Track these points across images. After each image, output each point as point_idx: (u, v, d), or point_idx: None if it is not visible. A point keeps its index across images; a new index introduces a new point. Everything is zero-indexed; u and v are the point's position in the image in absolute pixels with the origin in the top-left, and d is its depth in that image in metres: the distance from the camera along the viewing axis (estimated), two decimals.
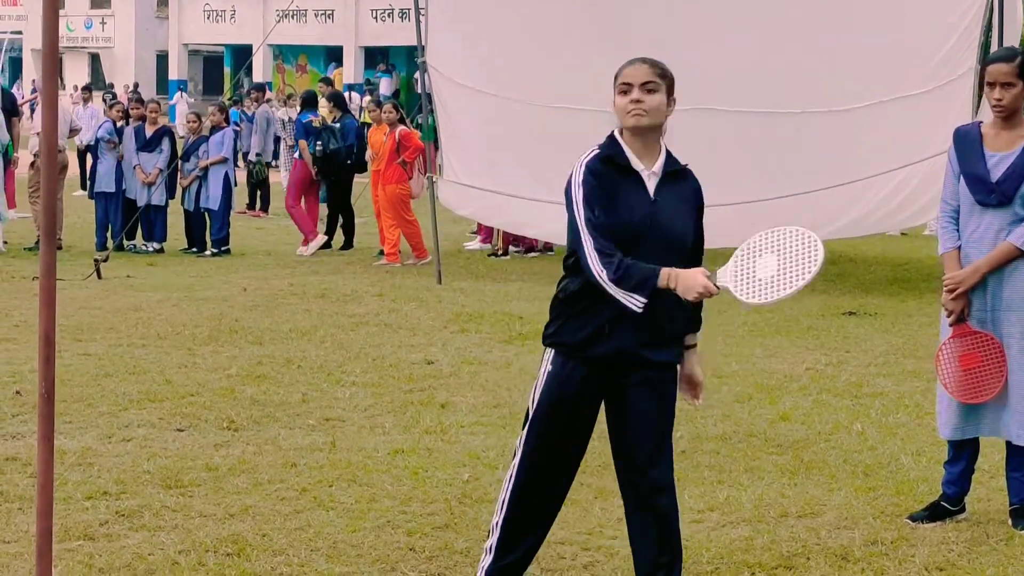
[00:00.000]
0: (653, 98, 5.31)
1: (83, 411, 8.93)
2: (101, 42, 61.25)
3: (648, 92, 5.31)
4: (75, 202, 23.15)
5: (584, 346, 5.33)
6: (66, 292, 13.70)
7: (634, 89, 5.31)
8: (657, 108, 5.31)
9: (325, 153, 18.63)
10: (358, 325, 12.53)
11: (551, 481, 5.50)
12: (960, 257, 6.78)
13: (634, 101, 5.30)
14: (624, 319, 5.24)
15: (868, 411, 9.33)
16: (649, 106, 5.30)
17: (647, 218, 5.26)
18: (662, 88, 5.33)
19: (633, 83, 5.32)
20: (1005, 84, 6.67)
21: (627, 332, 5.27)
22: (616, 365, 5.34)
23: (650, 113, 5.30)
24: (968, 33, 14.34)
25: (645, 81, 5.32)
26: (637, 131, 5.32)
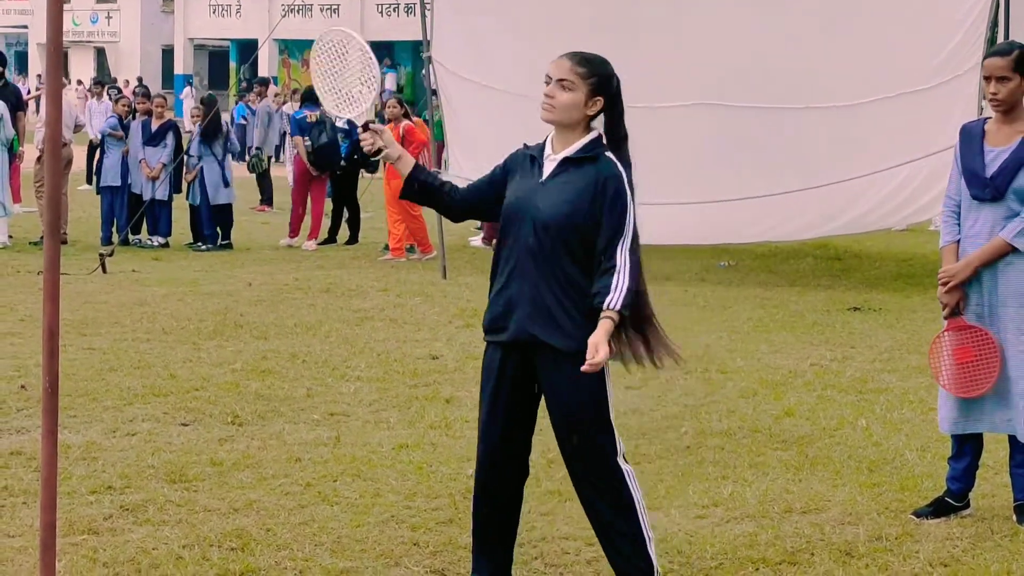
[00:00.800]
0: (565, 96, 5.36)
1: (88, 405, 8.94)
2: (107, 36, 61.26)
3: (562, 88, 5.37)
4: (81, 197, 23.15)
5: (491, 331, 5.48)
6: (71, 286, 13.71)
7: (551, 83, 5.38)
8: (568, 106, 5.36)
9: (315, 147, 18.64)
10: (363, 320, 12.54)
11: (502, 475, 5.57)
12: (959, 251, 6.78)
13: (546, 96, 5.39)
14: (510, 301, 5.37)
15: (873, 407, 9.32)
16: (558, 103, 5.37)
17: (527, 199, 5.38)
18: (580, 87, 5.37)
19: (552, 77, 5.40)
20: (1001, 78, 6.68)
21: (515, 314, 5.37)
22: (521, 350, 5.39)
23: (558, 110, 5.37)
24: (974, 29, 14.32)
25: (561, 77, 5.39)
26: (550, 123, 5.41)
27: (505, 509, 5.65)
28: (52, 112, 4.98)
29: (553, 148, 5.45)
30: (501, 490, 5.61)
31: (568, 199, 5.33)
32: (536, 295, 5.33)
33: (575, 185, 5.35)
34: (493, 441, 5.55)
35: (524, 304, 5.35)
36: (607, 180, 5.33)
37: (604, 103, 5.41)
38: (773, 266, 17.08)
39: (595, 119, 5.44)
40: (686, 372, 10.14)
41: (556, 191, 5.36)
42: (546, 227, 5.33)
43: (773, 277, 16.09)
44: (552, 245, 5.32)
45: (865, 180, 14.88)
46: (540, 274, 5.34)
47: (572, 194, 5.34)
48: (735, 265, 16.92)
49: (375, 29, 52.42)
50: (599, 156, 5.38)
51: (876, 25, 14.86)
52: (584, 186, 5.34)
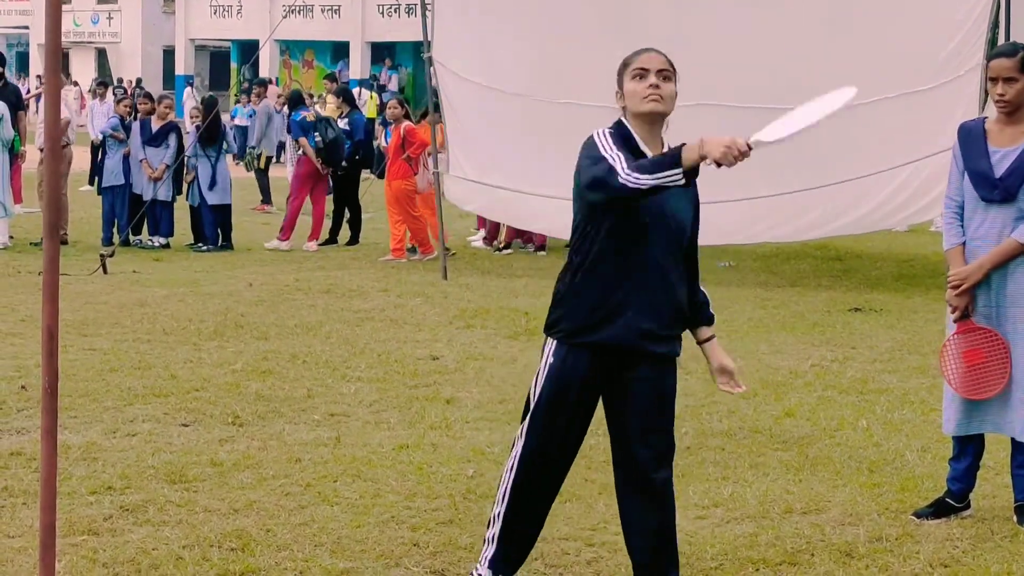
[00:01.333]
0: (669, 86, 5.37)
1: (88, 406, 8.94)
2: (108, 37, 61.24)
3: (664, 79, 5.36)
4: (82, 197, 23.14)
5: (585, 332, 5.35)
6: (72, 287, 13.71)
7: (651, 75, 5.35)
8: (672, 96, 5.37)
9: (326, 143, 18.63)
10: (363, 320, 12.54)
11: (550, 472, 5.54)
12: (965, 253, 6.77)
13: (652, 87, 5.33)
14: (625, 307, 5.29)
15: (873, 407, 9.32)
16: (666, 92, 5.35)
17: (656, 207, 5.27)
18: (674, 78, 5.39)
19: (650, 69, 5.36)
20: (1008, 79, 6.67)
21: (629, 321, 5.30)
22: (616, 355, 5.35)
23: (666, 100, 5.35)
24: (975, 29, 14.31)
25: (662, 68, 5.38)
26: (650, 118, 5.35)
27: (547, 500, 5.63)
28: (51, 112, 4.98)
29: (646, 147, 5.35)
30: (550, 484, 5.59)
31: (691, 202, 5.42)
32: (657, 306, 5.32)
33: (686, 197, 5.39)
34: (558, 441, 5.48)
35: (643, 312, 5.30)
36: (696, 188, 5.41)
37: None
38: (774, 266, 17.09)
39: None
40: (687, 372, 10.13)
41: (680, 194, 5.31)
42: (681, 231, 5.37)
43: (774, 277, 16.10)
44: (680, 249, 5.37)
45: (866, 181, 14.87)
46: (666, 278, 5.33)
47: (692, 197, 5.43)
48: (735, 265, 16.93)
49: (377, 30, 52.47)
50: None
51: (877, 26, 14.85)
52: (690, 197, 5.43)
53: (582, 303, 5.35)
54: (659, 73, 5.35)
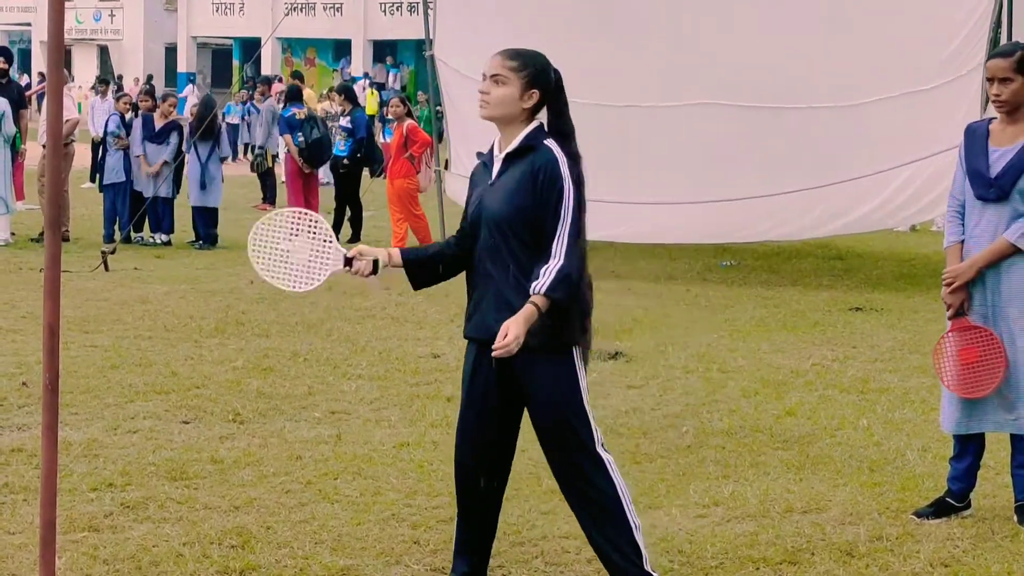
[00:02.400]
0: (499, 90, 5.38)
1: (89, 403, 8.94)
2: (110, 34, 61.22)
3: (495, 84, 5.39)
4: (83, 194, 23.16)
5: (465, 328, 5.57)
6: (73, 284, 13.72)
7: (485, 80, 5.41)
8: (502, 100, 5.37)
9: (308, 143, 18.64)
10: (365, 318, 12.54)
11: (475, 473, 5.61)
12: (963, 252, 6.78)
13: (481, 92, 5.42)
14: (478, 301, 5.44)
15: (874, 407, 9.32)
16: (492, 98, 5.39)
17: (480, 201, 5.43)
18: (513, 81, 5.37)
19: (485, 74, 5.43)
20: (1004, 79, 6.68)
21: (485, 314, 5.41)
22: (485, 346, 5.37)
23: (492, 104, 5.39)
24: (977, 29, 14.32)
25: (495, 73, 5.41)
26: (488, 120, 5.44)
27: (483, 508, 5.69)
28: (53, 109, 4.98)
29: (499, 147, 5.48)
30: (475, 490, 5.64)
31: (512, 192, 5.34)
32: (498, 294, 5.37)
33: (517, 178, 5.35)
34: (469, 438, 5.60)
35: (489, 304, 5.40)
36: (544, 166, 5.30)
37: (541, 96, 5.40)
38: (775, 266, 17.08)
39: (536, 113, 5.43)
40: (687, 371, 10.15)
41: (502, 188, 5.38)
42: (497, 225, 5.36)
43: (775, 277, 16.09)
44: (505, 242, 5.35)
45: (868, 180, 14.88)
46: (500, 273, 5.37)
47: (515, 187, 5.34)
48: (737, 264, 16.93)
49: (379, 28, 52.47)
50: (538, 145, 5.36)
51: (879, 25, 14.86)
52: (525, 177, 5.32)
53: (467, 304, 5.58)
54: (492, 78, 5.39)
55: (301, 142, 18.63)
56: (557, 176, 5.28)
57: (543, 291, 5.22)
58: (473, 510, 5.68)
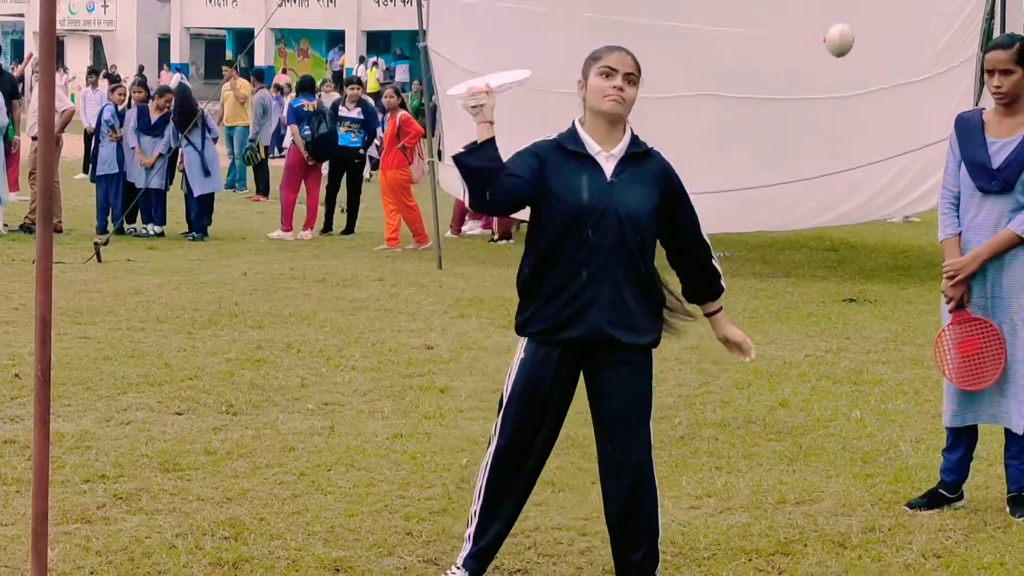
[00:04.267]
0: (632, 90, 5.43)
1: (82, 394, 8.93)
2: (103, 25, 61.14)
3: (629, 83, 5.42)
4: (77, 185, 23.14)
5: (556, 330, 5.43)
6: (66, 275, 13.71)
7: (618, 76, 5.40)
8: (633, 100, 5.43)
9: (315, 137, 18.61)
10: (358, 310, 12.53)
11: (524, 467, 5.59)
12: (960, 244, 6.77)
13: (616, 88, 5.39)
14: (595, 301, 5.36)
15: (867, 398, 9.33)
16: (628, 96, 5.42)
17: (602, 198, 5.36)
18: (638, 83, 5.44)
19: (619, 70, 5.41)
20: (1004, 71, 6.67)
21: (599, 314, 5.37)
22: (589, 348, 5.40)
23: (627, 103, 5.43)
24: (970, 20, 14.32)
25: (629, 72, 5.43)
26: (608, 117, 5.42)
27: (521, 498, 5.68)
28: (45, 101, 4.96)
29: (600, 144, 5.43)
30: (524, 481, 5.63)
31: (648, 195, 5.41)
32: (617, 295, 5.37)
33: (647, 181, 5.43)
34: (529, 436, 5.53)
35: (602, 305, 5.36)
36: (670, 173, 5.49)
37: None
38: (769, 257, 17.10)
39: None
40: (681, 363, 10.15)
41: (633, 188, 5.39)
42: (635, 223, 5.37)
43: (768, 268, 16.11)
44: (637, 242, 5.38)
45: (861, 171, 14.89)
46: (623, 273, 5.37)
47: (649, 190, 5.42)
48: (731, 256, 16.92)
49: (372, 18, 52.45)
50: (652, 151, 5.49)
51: (872, 16, 14.83)
52: (656, 181, 5.44)
53: (549, 303, 5.43)
54: (626, 76, 5.40)
55: (308, 134, 18.59)
56: (679, 178, 5.51)
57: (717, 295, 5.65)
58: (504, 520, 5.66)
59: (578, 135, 5.46)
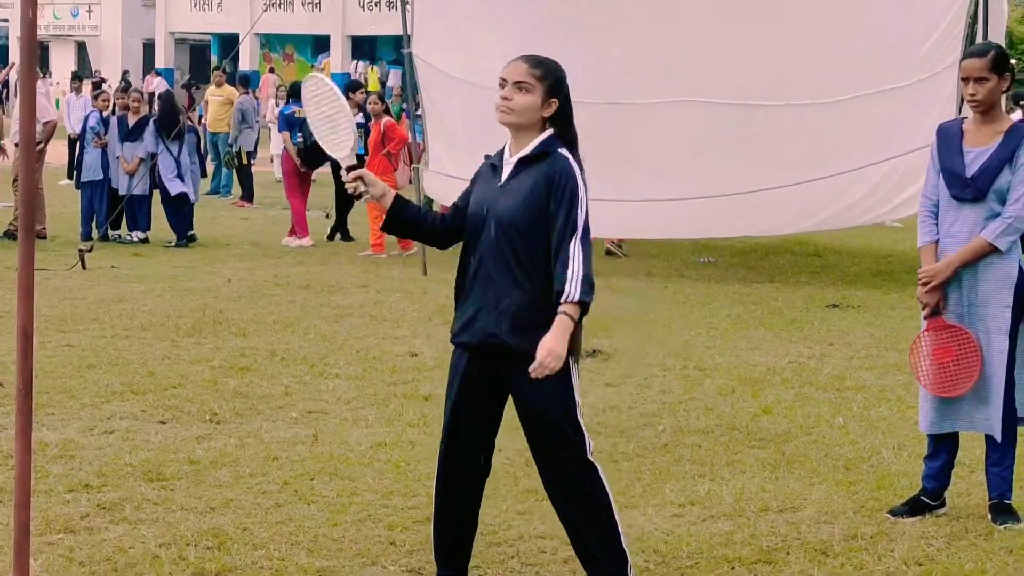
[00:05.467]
0: (523, 98, 5.39)
1: (65, 403, 8.93)
2: (88, 30, 60.99)
3: (519, 91, 5.40)
4: (61, 191, 23.10)
5: (457, 334, 5.54)
6: (50, 282, 13.70)
7: (507, 86, 5.41)
8: (525, 108, 5.39)
9: (307, 144, 18.56)
10: (342, 317, 12.53)
11: (460, 472, 5.62)
12: (937, 251, 6.81)
13: (503, 98, 5.42)
14: (477, 305, 5.42)
15: (850, 405, 9.35)
16: (516, 105, 5.40)
17: (487, 204, 5.43)
18: (537, 89, 5.39)
19: (508, 80, 5.42)
20: (979, 79, 6.71)
21: (481, 318, 5.41)
22: (488, 354, 5.42)
23: (515, 112, 5.40)
24: (952, 26, 14.36)
25: (518, 80, 5.41)
26: (507, 127, 5.44)
27: (465, 510, 5.69)
28: (26, 108, 4.96)
29: (510, 151, 5.49)
30: (462, 491, 5.65)
31: (525, 197, 5.36)
32: (500, 297, 5.37)
33: (530, 183, 5.37)
34: (457, 443, 5.59)
35: (490, 307, 5.39)
36: (560, 174, 5.33)
37: (559, 105, 5.43)
38: (753, 262, 17.13)
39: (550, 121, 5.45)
40: (664, 369, 10.17)
41: (514, 191, 5.39)
42: (507, 228, 5.36)
43: (753, 273, 16.13)
44: (513, 246, 5.35)
45: (845, 177, 14.92)
46: (503, 276, 5.37)
47: (528, 192, 5.36)
48: (715, 261, 16.97)
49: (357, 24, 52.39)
50: (552, 152, 5.39)
51: (855, 22, 14.90)
52: (539, 182, 5.35)
53: (456, 307, 5.59)
54: (516, 84, 5.39)
55: (300, 141, 18.54)
56: (574, 183, 5.33)
57: (577, 297, 5.23)
58: (456, 512, 5.67)
59: (504, 146, 5.53)
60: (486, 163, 5.61)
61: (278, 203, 23.82)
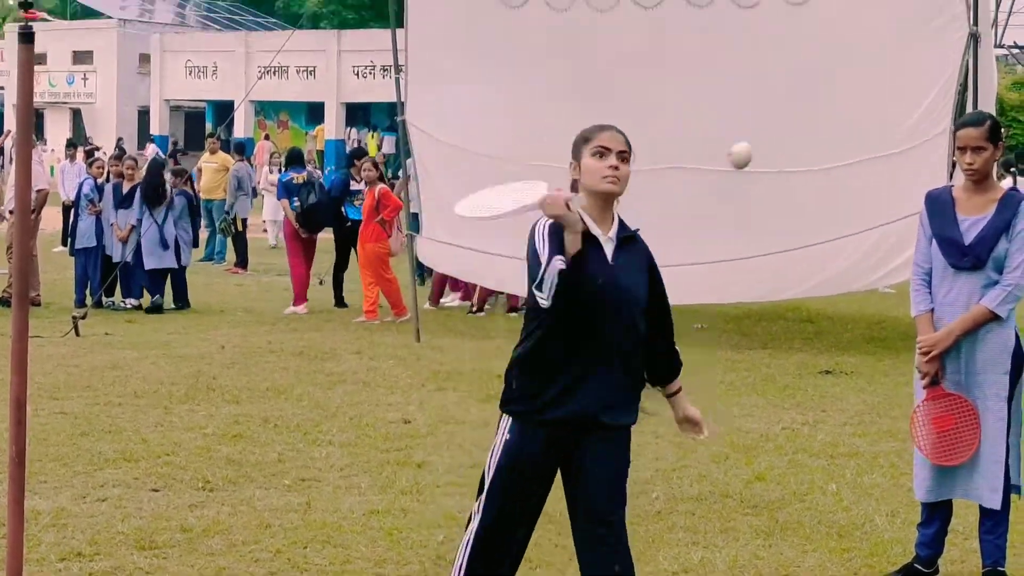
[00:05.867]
0: (626, 168, 5.45)
1: (58, 471, 8.91)
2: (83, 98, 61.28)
3: (623, 160, 5.43)
4: (55, 258, 23.13)
5: (542, 410, 5.38)
6: (44, 349, 13.69)
7: (612, 155, 5.41)
8: (627, 178, 5.45)
9: (304, 208, 18.61)
10: (336, 383, 12.53)
11: (508, 546, 5.54)
12: (933, 319, 6.83)
13: (612, 167, 5.40)
14: (581, 382, 5.35)
15: (843, 471, 9.35)
16: (623, 175, 5.43)
17: (608, 281, 5.36)
18: (630, 160, 5.46)
19: (612, 149, 5.42)
20: (976, 148, 6.75)
21: (585, 395, 5.36)
22: (573, 428, 5.40)
23: (622, 181, 5.43)
24: (943, 93, 14.46)
25: (622, 150, 5.45)
26: (604, 197, 5.42)
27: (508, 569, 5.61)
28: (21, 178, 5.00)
29: (598, 225, 5.41)
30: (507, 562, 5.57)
31: (643, 278, 5.48)
32: (609, 378, 5.37)
33: (640, 264, 5.49)
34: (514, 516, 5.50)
35: (592, 387, 5.35)
36: (650, 256, 5.54)
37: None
38: (746, 328, 17.14)
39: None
40: (657, 436, 10.15)
41: (630, 270, 5.43)
42: (629, 305, 5.40)
43: (746, 340, 16.15)
44: (632, 322, 5.41)
45: (837, 243, 14.96)
46: (620, 356, 5.39)
47: (644, 275, 5.48)
48: (708, 327, 16.97)
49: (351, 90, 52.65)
50: (636, 234, 5.51)
51: (846, 90, 14.99)
52: (643, 263, 5.50)
53: (535, 383, 5.40)
54: (619, 154, 5.42)
55: (297, 207, 18.59)
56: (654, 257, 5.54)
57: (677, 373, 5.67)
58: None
59: (581, 217, 5.38)
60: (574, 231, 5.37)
61: (272, 269, 23.88)
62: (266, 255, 25.64)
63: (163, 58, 57.81)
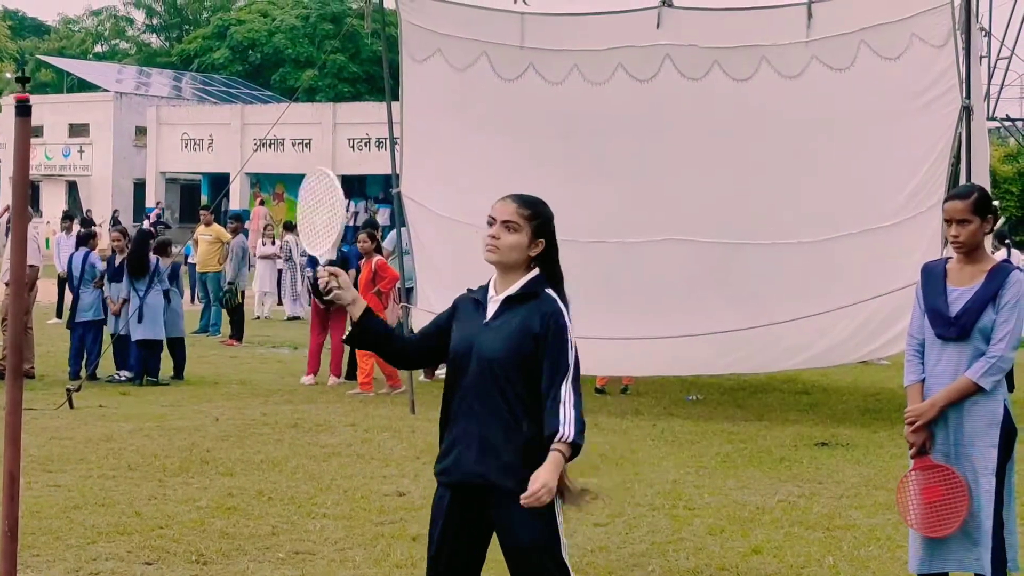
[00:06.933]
0: (510, 237, 5.47)
1: (51, 544, 8.87)
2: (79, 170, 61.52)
3: (507, 230, 5.47)
4: (50, 330, 23.12)
5: (441, 473, 5.54)
6: (38, 422, 13.65)
7: (496, 225, 5.49)
8: (513, 246, 5.47)
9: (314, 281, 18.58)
10: (330, 456, 12.49)
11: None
12: (923, 390, 6.84)
13: (491, 236, 5.49)
14: (459, 443, 5.43)
15: (840, 544, 9.31)
16: (503, 244, 5.47)
17: (470, 341, 5.45)
18: (524, 228, 5.47)
19: (497, 219, 5.50)
20: (961, 221, 6.79)
21: (465, 455, 5.41)
22: (470, 490, 5.42)
23: (503, 250, 5.48)
24: (936, 166, 14.53)
25: (507, 219, 5.49)
26: (493, 264, 5.50)
27: None
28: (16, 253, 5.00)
29: (496, 289, 5.54)
30: None
31: (511, 336, 5.40)
32: (484, 435, 5.39)
33: (518, 322, 5.41)
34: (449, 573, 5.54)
35: (472, 445, 5.41)
36: (549, 316, 5.39)
37: (545, 245, 5.51)
38: (741, 400, 17.12)
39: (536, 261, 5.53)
40: (653, 509, 10.13)
41: (499, 330, 5.43)
42: (491, 366, 5.39)
43: (741, 411, 16.13)
44: (497, 384, 5.38)
45: (832, 315, 14.99)
46: (487, 414, 5.39)
47: (515, 331, 5.40)
48: (703, 399, 16.96)
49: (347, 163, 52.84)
50: (540, 293, 5.46)
51: (841, 163, 15.07)
52: (526, 323, 5.40)
53: (441, 443, 5.61)
54: (504, 224, 5.47)
55: (311, 278, 18.65)
56: (563, 325, 5.39)
57: (571, 438, 5.27)
58: None
59: (488, 283, 5.58)
60: (468, 297, 5.64)
61: (267, 342, 23.88)
62: (261, 327, 25.62)
63: (159, 131, 58.10)
